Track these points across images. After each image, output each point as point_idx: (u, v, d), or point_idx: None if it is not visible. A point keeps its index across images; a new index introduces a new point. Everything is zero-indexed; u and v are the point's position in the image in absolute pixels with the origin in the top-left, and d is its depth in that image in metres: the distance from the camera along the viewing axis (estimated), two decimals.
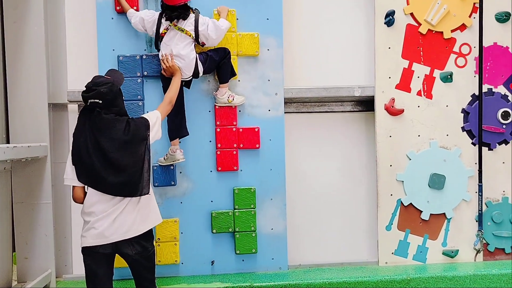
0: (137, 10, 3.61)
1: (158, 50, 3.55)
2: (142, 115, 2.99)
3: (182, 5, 3.41)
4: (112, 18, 3.65)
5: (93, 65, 3.70)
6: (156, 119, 2.97)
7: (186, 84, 3.61)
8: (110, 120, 2.79)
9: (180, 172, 3.76)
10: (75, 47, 3.82)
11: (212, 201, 3.79)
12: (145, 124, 2.88)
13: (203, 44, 3.51)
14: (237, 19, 3.74)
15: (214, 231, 3.76)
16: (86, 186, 2.83)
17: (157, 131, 2.97)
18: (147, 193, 2.83)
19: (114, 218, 2.75)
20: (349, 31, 4.08)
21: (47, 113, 3.51)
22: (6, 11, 3.42)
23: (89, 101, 2.77)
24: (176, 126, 3.59)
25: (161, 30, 3.45)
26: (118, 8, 3.62)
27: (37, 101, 3.45)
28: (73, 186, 2.83)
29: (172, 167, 3.71)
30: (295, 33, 4.00)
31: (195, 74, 3.52)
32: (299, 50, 4.02)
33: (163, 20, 3.45)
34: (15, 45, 3.43)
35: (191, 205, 3.78)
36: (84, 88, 2.82)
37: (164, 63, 3.40)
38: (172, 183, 3.72)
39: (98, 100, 2.75)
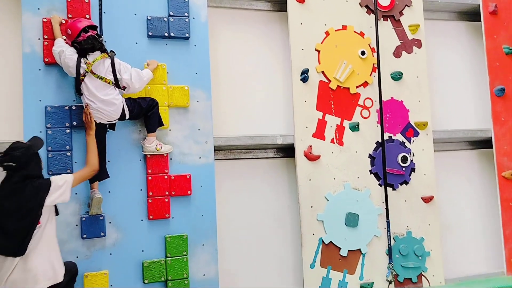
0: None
1: (80, 94, 3.51)
2: (51, 177, 3.05)
3: (91, 38, 3.42)
4: (40, 69, 3.61)
5: (18, 116, 3.61)
6: (64, 182, 3.04)
7: (110, 126, 3.62)
8: (13, 186, 2.88)
9: (110, 222, 3.70)
10: None
11: (143, 251, 3.77)
12: (45, 189, 2.95)
13: (123, 88, 3.55)
14: (168, 72, 3.93)
15: (146, 281, 3.72)
16: None
17: (62, 194, 3.02)
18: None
19: (5, 279, 2.82)
20: (270, 85, 4.49)
21: None
22: None
23: (4, 164, 2.90)
24: None
25: (80, 75, 3.41)
26: (46, 60, 3.61)
27: None
28: None
29: (101, 218, 3.66)
30: (222, 87, 4.29)
31: (122, 117, 3.56)
32: (226, 102, 4.30)
33: (82, 64, 3.42)
34: None
35: (121, 256, 3.71)
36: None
37: (86, 116, 3.40)
38: (102, 234, 3.65)
39: (11, 163, 2.89)
